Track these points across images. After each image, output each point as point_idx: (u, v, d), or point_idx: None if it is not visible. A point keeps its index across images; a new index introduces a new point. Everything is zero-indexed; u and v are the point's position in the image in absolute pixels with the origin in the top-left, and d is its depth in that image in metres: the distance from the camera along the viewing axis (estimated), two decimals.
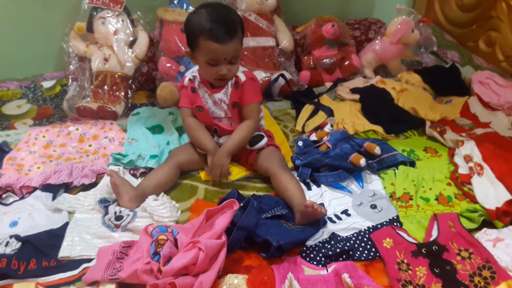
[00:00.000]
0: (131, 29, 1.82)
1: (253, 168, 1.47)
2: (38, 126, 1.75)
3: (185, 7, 1.84)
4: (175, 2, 1.85)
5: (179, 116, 1.73)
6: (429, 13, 2.39)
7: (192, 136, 1.47)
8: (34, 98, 1.99)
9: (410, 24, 2.00)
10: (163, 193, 1.37)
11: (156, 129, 1.69)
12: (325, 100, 1.87)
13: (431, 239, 1.20)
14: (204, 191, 1.43)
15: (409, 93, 1.85)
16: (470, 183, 1.38)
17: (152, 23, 1.89)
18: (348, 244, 1.18)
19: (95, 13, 1.81)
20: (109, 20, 1.79)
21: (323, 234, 1.22)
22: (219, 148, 1.42)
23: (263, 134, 1.48)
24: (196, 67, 1.44)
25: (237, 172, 1.48)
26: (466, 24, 2.19)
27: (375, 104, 1.81)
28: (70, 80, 1.87)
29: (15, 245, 1.20)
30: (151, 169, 1.48)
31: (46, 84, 2.07)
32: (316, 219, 1.21)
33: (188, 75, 1.44)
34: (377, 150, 1.43)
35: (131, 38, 1.82)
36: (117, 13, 1.80)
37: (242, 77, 1.39)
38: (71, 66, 1.87)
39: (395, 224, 1.26)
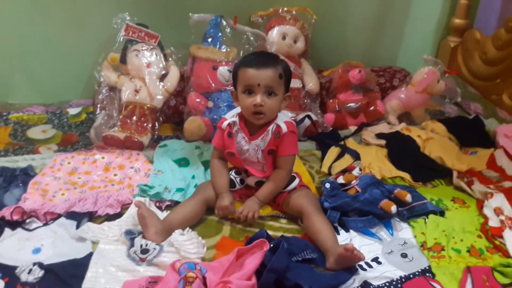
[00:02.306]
0: (164, 63, 1.86)
1: (281, 208, 1.45)
2: (63, 152, 1.75)
3: (218, 45, 1.88)
4: (209, 40, 1.89)
5: (205, 150, 1.73)
6: (451, 65, 2.42)
7: (212, 177, 1.48)
8: (59, 124, 2.00)
9: (436, 74, 2.03)
10: (189, 228, 1.34)
11: (182, 162, 1.68)
12: (351, 143, 1.86)
13: None
14: (229, 229, 1.40)
15: (435, 142, 1.84)
16: (501, 237, 1.35)
17: (183, 59, 1.93)
18: None
19: (129, 45, 1.85)
20: (143, 53, 1.83)
21: (354, 282, 1.18)
22: (229, 193, 1.42)
23: (295, 175, 1.47)
24: (236, 110, 1.44)
25: (263, 212, 1.45)
26: (490, 77, 2.20)
27: (401, 150, 1.80)
28: (98, 109, 1.88)
29: (38, 273, 1.17)
30: (176, 202, 1.47)
31: (72, 111, 2.09)
32: (353, 264, 1.18)
33: (228, 119, 1.43)
34: (408, 197, 1.41)
35: (163, 72, 1.85)
36: (151, 47, 1.84)
37: (284, 128, 1.38)
38: (100, 95, 1.89)
39: (427, 274, 1.23)
